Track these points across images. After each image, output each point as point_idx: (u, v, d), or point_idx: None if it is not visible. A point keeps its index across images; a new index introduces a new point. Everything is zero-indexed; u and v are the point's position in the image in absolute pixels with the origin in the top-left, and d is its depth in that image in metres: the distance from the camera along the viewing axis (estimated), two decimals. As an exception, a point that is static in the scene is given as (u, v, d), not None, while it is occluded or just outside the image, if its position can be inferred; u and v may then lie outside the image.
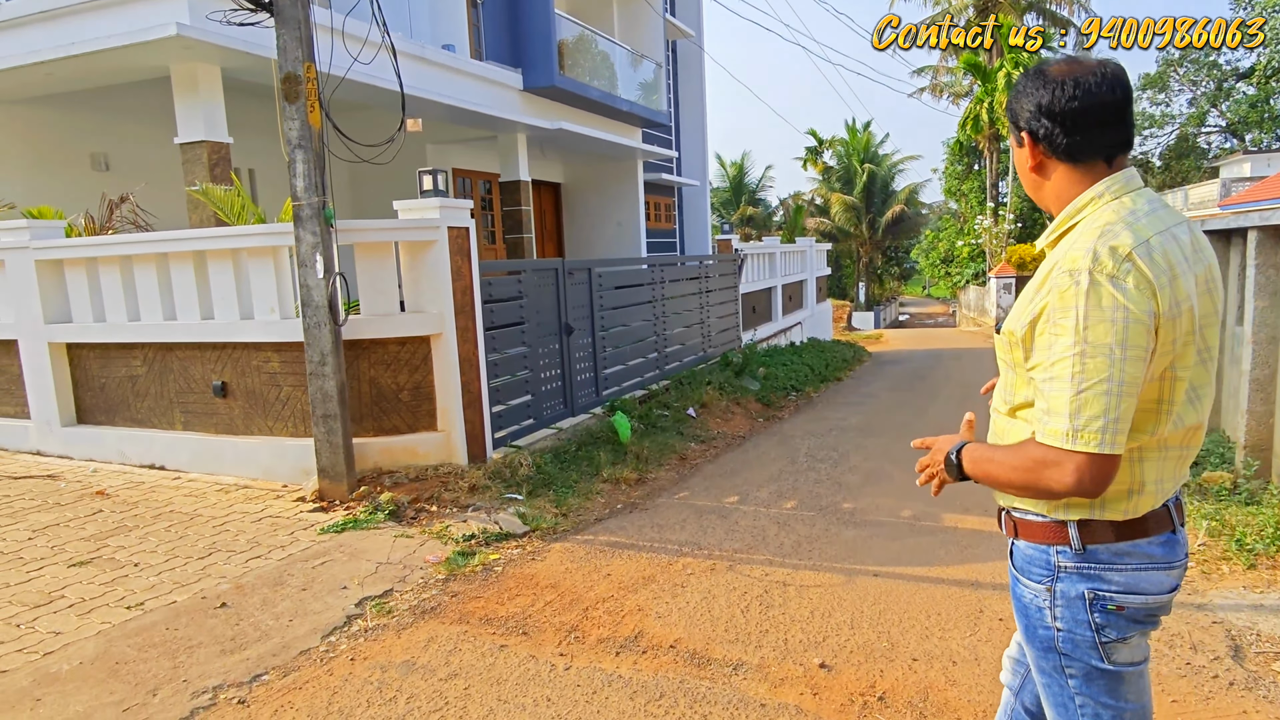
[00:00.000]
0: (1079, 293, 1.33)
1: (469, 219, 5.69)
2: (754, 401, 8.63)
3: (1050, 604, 1.49)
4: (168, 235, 6.06)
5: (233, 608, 3.69)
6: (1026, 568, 1.53)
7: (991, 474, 1.48)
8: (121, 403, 6.48)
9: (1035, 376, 1.41)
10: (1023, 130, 1.50)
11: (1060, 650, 1.51)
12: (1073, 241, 1.42)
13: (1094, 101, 1.41)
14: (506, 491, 5.31)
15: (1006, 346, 1.50)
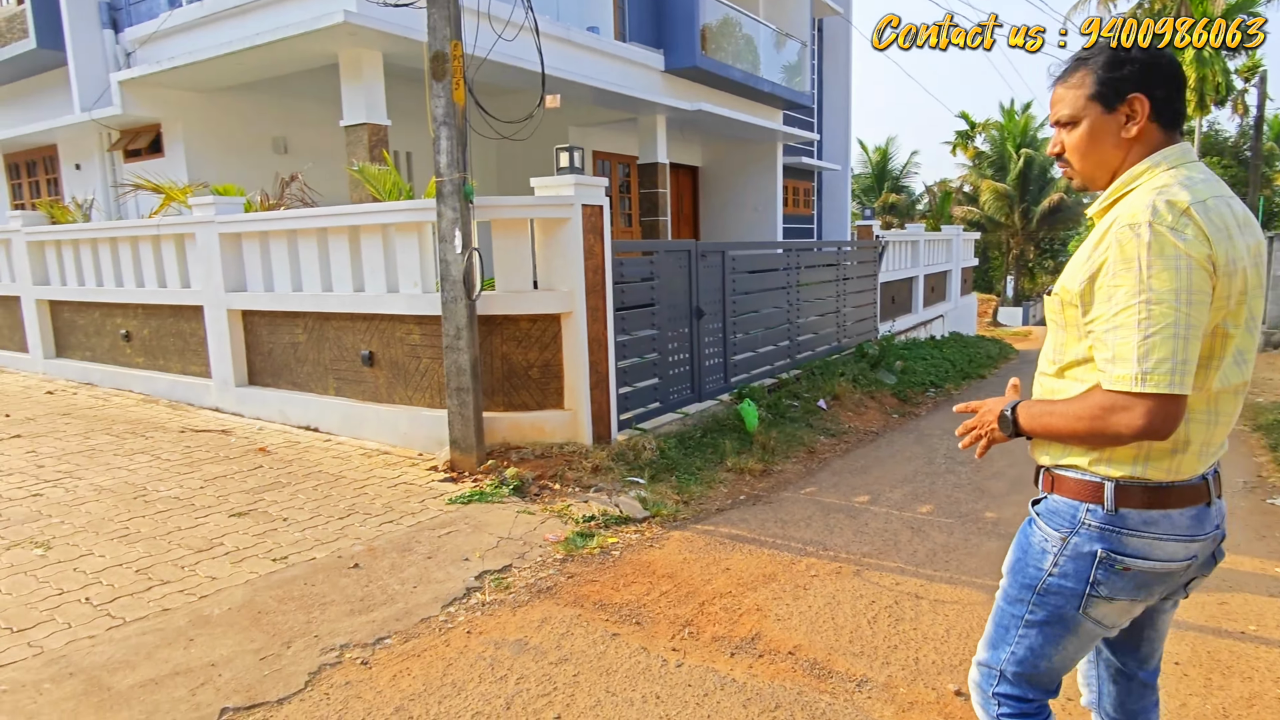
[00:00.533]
0: (1140, 244, 1.36)
1: (603, 197, 5.60)
2: (889, 396, 8.16)
3: (1057, 552, 1.54)
4: (326, 211, 6.33)
5: (364, 569, 3.78)
6: (1048, 515, 1.58)
7: (1052, 426, 1.51)
8: (285, 367, 6.86)
9: (1096, 328, 1.42)
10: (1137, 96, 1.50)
11: (1038, 591, 1.57)
12: (1130, 202, 1.44)
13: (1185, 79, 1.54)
14: (629, 474, 5.22)
15: (1059, 306, 1.53)
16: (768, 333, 8.11)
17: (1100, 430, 1.41)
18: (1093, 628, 1.58)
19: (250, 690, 2.79)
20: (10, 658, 2.95)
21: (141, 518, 4.46)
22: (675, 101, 12.25)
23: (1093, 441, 1.47)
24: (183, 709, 2.67)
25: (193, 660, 2.96)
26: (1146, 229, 1.36)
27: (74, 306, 8.98)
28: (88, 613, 3.31)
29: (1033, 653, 1.62)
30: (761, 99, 15.12)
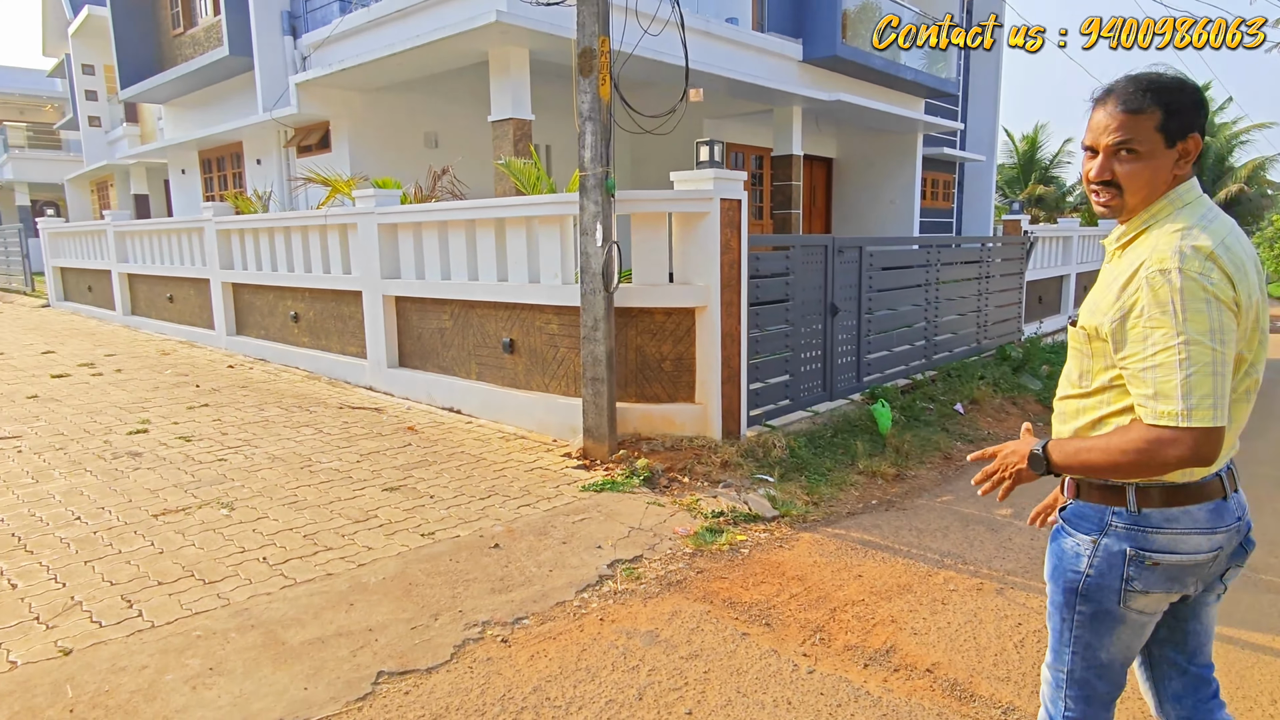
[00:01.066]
0: (1173, 289, 1.44)
1: (741, 191, 5.53)
2: (1034, 402, 7.67)
3: (1090, 554, 1.63)
4: (475, 204, 6.57)
5: (503, 550, 3.92)
6: (1076, 520, 1.67)
7: (1091, 461, 1.56)
8: (432, 351, 7.22)
9: (1131, 365, 1.50)
10: (1193, 134, 1.54)
11: (1081, 592, 1.65)
12: (1154, 243, 1.51)
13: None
14: (758, 472, 5.16)
15: (1084, 339, 1.63)
16: (903, 332, 7.79)
17: (1147, 462, 1.48)
18: (1138, 618, 1.65)
19: (402, 657, 2.96)
20: (203, 606, 3.26)
21: (307, 486, 4.81)
22: (813, 92, 11.94)
23: (1134, 473, 1.53)
24: (345, 668, 2.87)
25: (353, 623, 3.17)
26: (1177, 275, 1.44)
27: (252, 289, 9.78)
28: (264, 571, 3.61)
29: (1090, 649, 1.69)
30: (902, 87, 14.51)
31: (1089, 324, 1.61)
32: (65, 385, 7.94)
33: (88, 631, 3.04)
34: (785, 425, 6.08)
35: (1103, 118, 1.59)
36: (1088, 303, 1.65)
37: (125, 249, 12.81)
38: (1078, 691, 1.73)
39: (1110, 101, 1.58)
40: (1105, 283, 1.61)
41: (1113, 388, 1.60)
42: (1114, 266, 1.62)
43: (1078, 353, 1.67)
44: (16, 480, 4.88)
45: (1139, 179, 1.56)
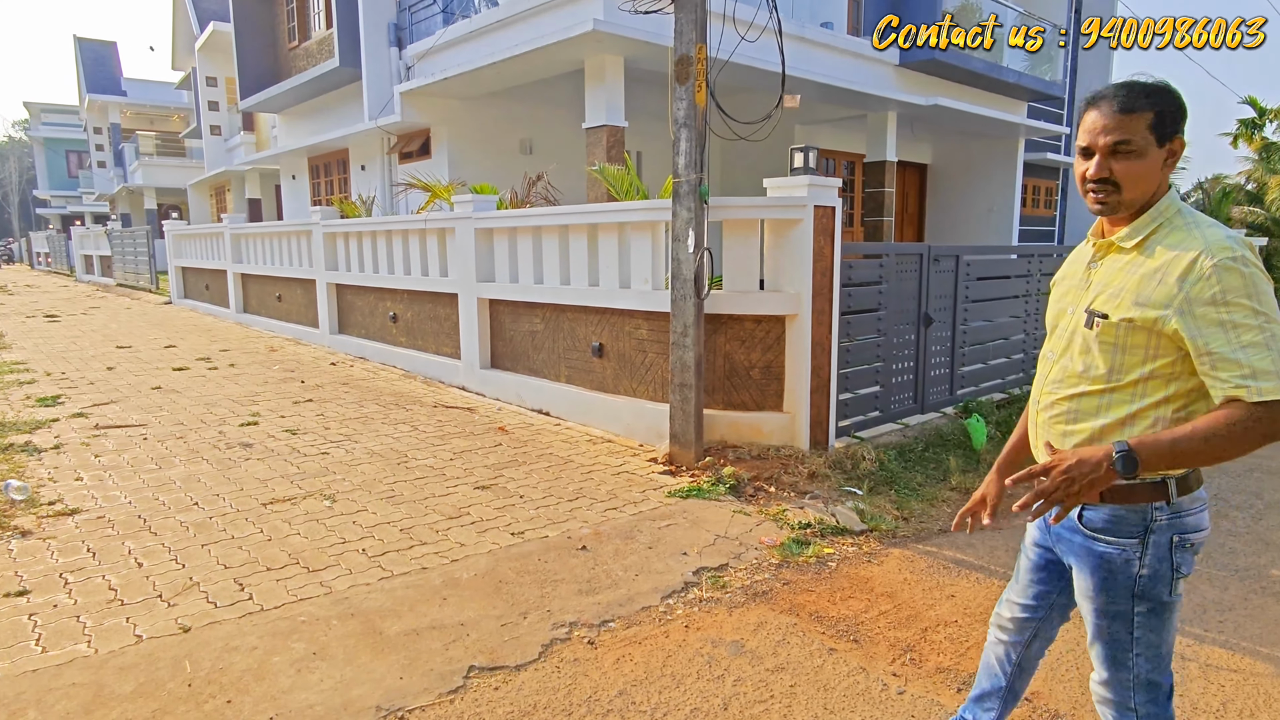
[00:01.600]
0: (1247, 278, 1.51)
1: (836, 198, 5.43)
2: (1142, 418, 7.25)
3: (1140, 554, 1.65)
4: (569, 210, 6.67)
5: (590, 552, 3.95)
6: (1115, 527, 1.67)
7: (1193, 451, 1.52)
8: (523, 353, 7.36)
9: (1216, 350, 1.51)
10: (1178, 135, 1.63)
11: (1137, 594, 1.67)
12: (1183, 239, 1.59)
13: None
14: (845, 484, 5.04)
15: (1123, 333, 1.62)
16: (1000, 344, 7.48)
17: (1261, 440, 1.50)
18: (1179, 601, 1.71)
19: (492, 653, 3.02)
20: (307, 593, 3.41)
21: (404, 482, 4.97)
22: (909, 96, 11.63)
23: (1246, 451, 1.52)
24: (438, 660, 2.94)
25: (446, 617, 3.26)
26: (1242, 263, 1.52)
27: (354, 290, 10.21)
28: (363, 562, 3.75)
29: (1154, 648, 1.72)
30: (1004, 90, 13.98)
31: (1140, 316, 1.60)
32: (185, 378, 8.46)
33: (204, 611, 3.23)
34: (874, 437, 5.93)
35: (1098, 119, 1.64)
36: (1118, 296, 1.64)
37: (240, 250, 13.57)
38: (1146, 695, 1.75)
39: (1104, 104, 1.64)
40: (1137, 277, 1.62)
41: (1152, 378, 1.62)
42: (1133, 261, 1.65)
43: (1109, 346, 1.65)
44: (142, 466, 5.23)
45: (1135, 176, 1.62)
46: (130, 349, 10.60)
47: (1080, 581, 1.77)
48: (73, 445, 5.68)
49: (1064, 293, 1.83)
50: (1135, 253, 1.66)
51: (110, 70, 39.68)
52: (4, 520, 4.14)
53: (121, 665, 2.80)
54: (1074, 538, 1.75)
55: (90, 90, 38.10)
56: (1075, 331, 1.72)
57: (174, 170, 30.82)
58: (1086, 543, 1.72)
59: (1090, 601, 1.75)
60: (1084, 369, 1.70)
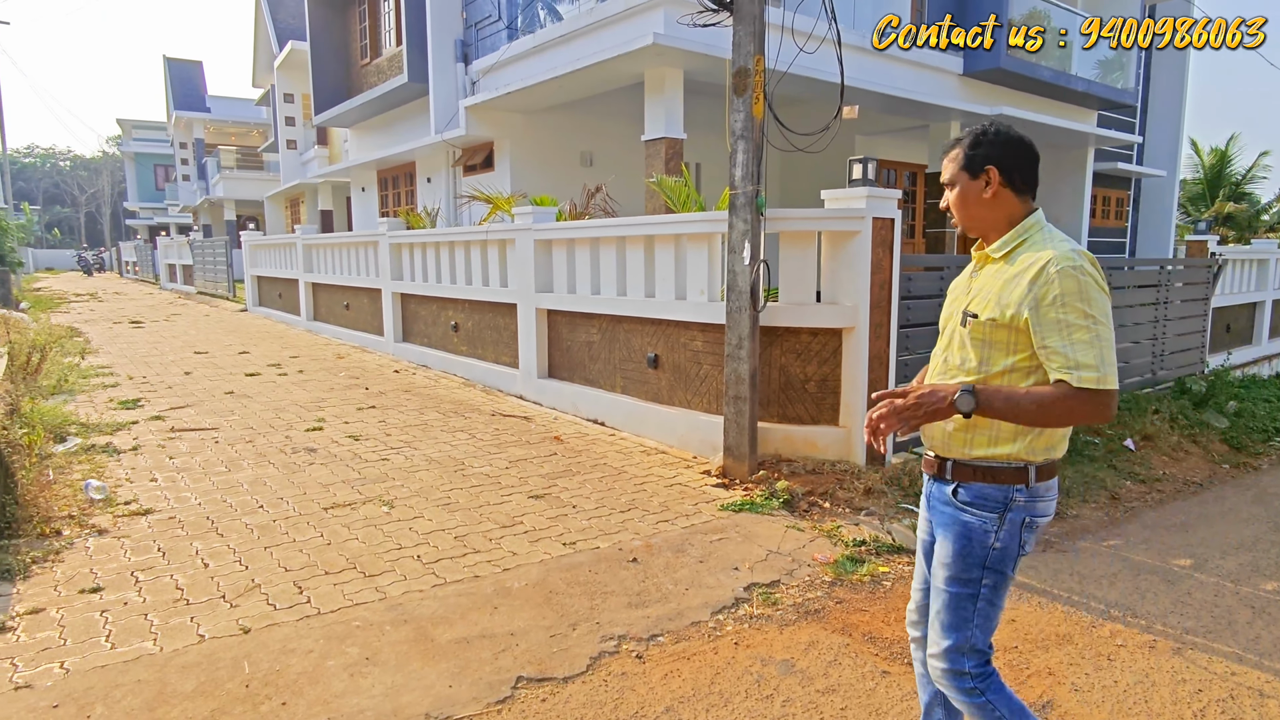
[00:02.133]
0: (1081, 284, 1.76)
1: (895, 210, 5.30)
2: (1218, 441, 6.86)
3: (997, 528, 1.87)
4: (626, 221, 6.67)
5: (641, 564, 3.91)
6: (980, 501, 1.89)
7: (1017, 409, 1.76)
8: (579, 363, 7.38)
9: (1050, 343, 1.77)
10: (990, 167, 1.92)
11: (988, 565, 1.89)
12: (1038, 250, 1.85)
13: (1035, 156, 1.97)
14: (902, 501, 4.90)
15: (989, 329, 1.87)
16: (1069, 359, 7.18)
17: (1067, 417, 1.76)
18: (1013, 578, 1.97)
19: (541, 664, 3.00)
20: (363, 598, 3.45)
21: (459, 489, 5.02)
22: (973, 106, 11.33)
23: (1054, 423, 1.81)
24: (487, 669, 2.94)
25: (496, 626, 3.26)
26: (1079, 271, 1.78)
27: (418, 299, 10.41)
28: (418, 569, 3.78)
29: (987, 617, 1.95)
30: (1072, 99, 13.51)
31: (999, 315, 1.85)
32: (256, 383, 8.74)
33: (264, 613, 3.30)
34: (934, 454, 5.75)
35: (946, 164, 2.02)
36: (986, 299, 1.90)
37: (311, 260, 13.99)
38: (976, 660, 1.96)
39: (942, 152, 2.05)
40: (1001, 282, 1.88)
41: (1014, 370, 1.86)
42: (1000, 269, 1.91)
43: (980, 342, 1.90)
44: (213, 468, 5.40)
45: (957, 205, 2.00)
46: (207, 354, 11.01)
47: (941, 550, 1.98)
48: (149, 447, 5.91)
49: (953, 299, 2.08)
50: (1002, 262, 1.93)
51: (196, 88, 41.59)
52: (83, 519, 4.32)
53: (184, 664, 2.88)
54: (945, 509, 1.97)
55: (177, 107, 39.98)
56: (955, 330, 1.98)
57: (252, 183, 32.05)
58: (955, 513, 1.94)
59: (946, 569, 1.96)
60: (960, 362, 1.95)
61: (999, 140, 1.94)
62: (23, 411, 6.33)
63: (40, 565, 3.69)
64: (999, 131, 1.96)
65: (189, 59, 43.25)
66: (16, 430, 4.88)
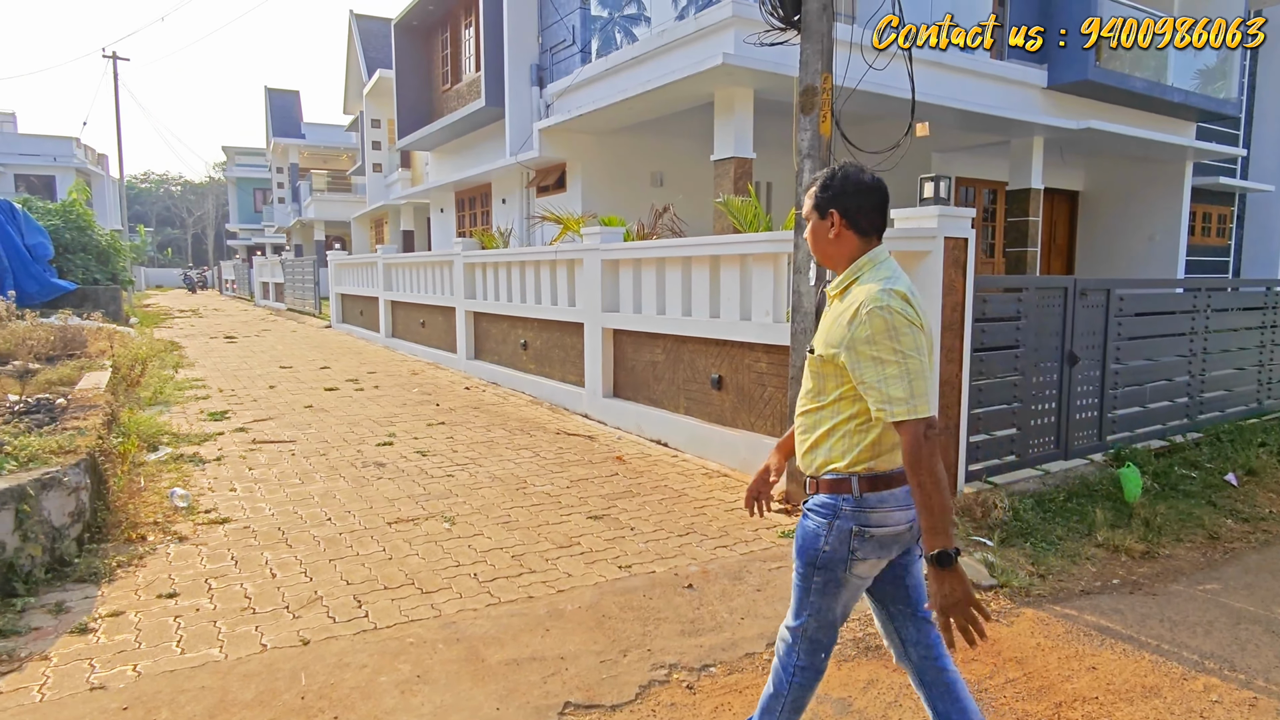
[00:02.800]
0: (889, 322, 1.91)
1: (969, 229, 5.11)
2: (1333, 475, 6.32)
3: (826, 533, 2.06)
4: (691, 241, 6.65)
5: (696, 591, 3.84)
6: (817, 509, 2.10)
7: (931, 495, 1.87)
8: (643, 383, 7.36)
9: (868, 379, 1.93)
10: (832, 210, 2.08)
11: (818, 565, 2.09)
12: (865, 289, 1.99)
13: (881, 199, 2.10)
14: (974, 533, 4.67)
15: (821, 363, 2.08)
16: (1160, 386, 6.77)
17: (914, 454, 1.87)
18: (858, 581, 2.11)
19: (589, 690, 2.96)
20: (418, 615, 3.49)
21: (520, 508, 5.05)
22: (1057, 120, 10.89)
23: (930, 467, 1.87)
24: (535, 693, 2.92)
25: (546, 649, 3.24)
26: (889, 311, 1.90)
27: (490, 318, 10.61)
28: (474, 587, 3.81)
29: (822, 613, 2.14)
30: (1168, 110, 12.85)
31: (825, 352, 2.05)
32: (334, 398, 9.04)
33: (324, 625, 3.37)
34: (1009, 483, 5.48)
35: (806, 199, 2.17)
36: (821, 335, 2.09)
37: (390, 278, 14.46)
38: (808, 646, 2.20)
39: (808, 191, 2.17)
40: (831, 319, 2.07)
41: (843, 399, 2.05)
42: (835, 307, 2.08)
43: (816, 374, 2.11)
44: (287, 480, 5.59)
45: (810, 241, 2.16)
46: (291, 369, 11.48)
47: (794, 545, 2.18)
48: (232, 458, 6.17)
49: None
50: (838, 299, 2.09)
51: (293, 116, 43.85)
52: (167, 526, 4.52)
53: (246, 673, 2.96)
54: (803, 518, 2.16)
55: (275, 134, 42.22)
56: (807, 362, 2.17)
57: (340, 204, 33.49)
58: (804, 519, 2.15)
59: (795, 562, 2.18)
60: (807, 390, 2.17)
61: (845, 185, 2.08)
62: (121, 421, 6.71)
63: (124, 569, 3.88)
64: (846, 176, 2.10)
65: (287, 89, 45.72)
66: (111, 439, 5.17)
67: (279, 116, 43.00)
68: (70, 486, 3.86)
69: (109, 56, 26.34)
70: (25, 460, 3.88)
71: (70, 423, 4.99)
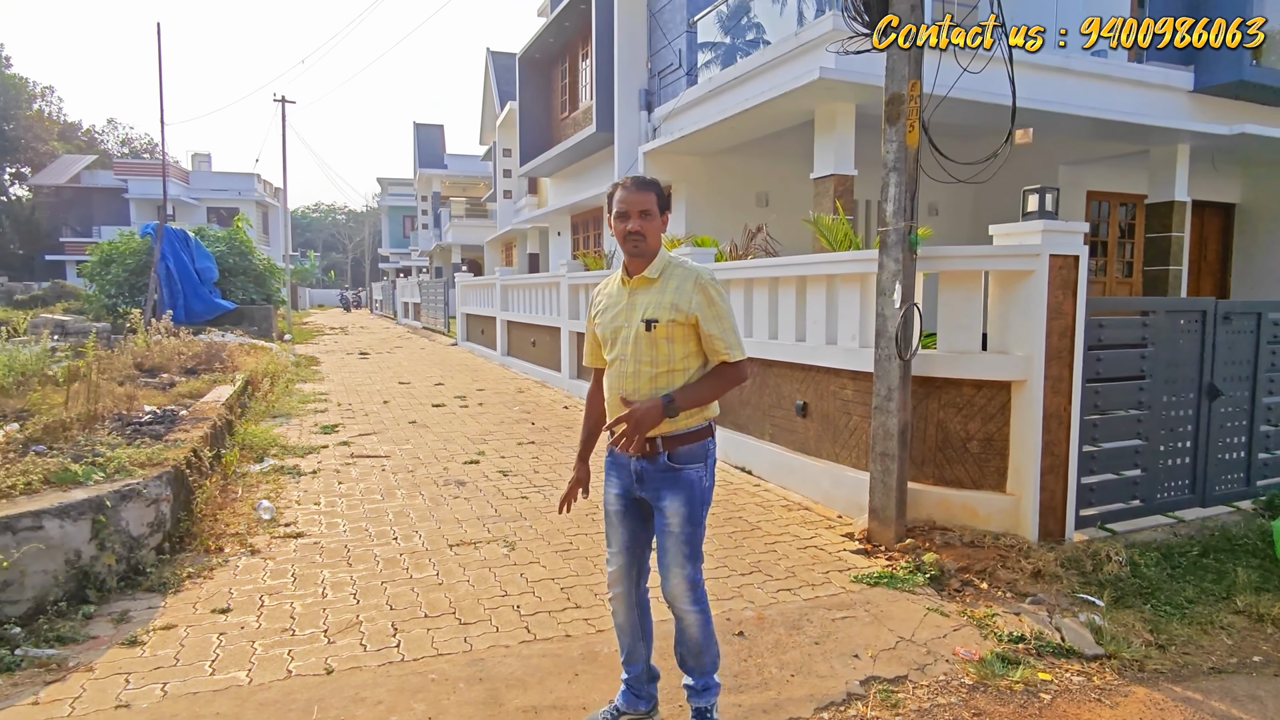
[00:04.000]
0: (718, 292, 2.49)
1: (1080, 245, 4.46)
2: None
3: (705, 473, 2.56)
4: (777, 261, 6.25)
5: (747, 640, 3.46)
6: (690, 459, 2.53)
7: (700, 397, 2.48)
8: (730, 408, 6.99)
9: (713, 332, 2.47)
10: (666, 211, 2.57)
11: (704, 500, 2.56)
12: (689, 272, 2.53)
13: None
14: (1081, 589, 4.01)
15: (675, 327, 2.47)
16: (1329, 423, 5.71)
17: (731, 385, 2.54)
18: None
19: (607, 748, 2.66)
20: (449, 648, 3.31)
21: (584, 535, 4.81)
22: (1206, 126, 9.65)
23: (718, 394, 2.53)
24: (549, 747, 2.65)
25: (570, 697, 2.96)
26: (716, 284, 2.51)
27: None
28: (513, 620, 3.59)
29: (702, 536, 2.61)
30: (1345, 112, 11.13)
31: (679, 317, 2.46)
32: (439, 414, 9.19)
33: (353, 654, 3.24)
34: (1131, 532, 4.73)
35: (632, 195, 2.49)
36: (660, 309, 2.47)
37: (506, 299, 14.75)
38: (699, 570, 2.62)
39: (634, 187, 2.51)
40: (670, 294, 2.48)
41: (687, 355, 2.50)
42: (659, 286, 2.51)
43: (662, 340, 2.47)
44: (369, 496, 5.62)
45: (654, 231, 2.52)
46: (408, 385, 11.85)
47: (672, 505, 2.50)
48: (327, 471, 6.30)
49: (612, 316, 2.60)
50: (659, 282, 2.52)
51: (437, 148, 46.35)
52: (246, 538, 4.60)
53: (262, 700, 2.85)
54: (668, 475, 2.50)
55: (420, 165, 44.73)
56: (639, 337, 2.48)
57: (476, 229, 34.88)
58: (677, 474, 2.50)
59: (680, 516, 2.50)
60: (649, 359, 2.48)
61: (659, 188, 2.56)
62: (236, 432, 7.04)
63: (193, 581, 3.93)
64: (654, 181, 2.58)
65: (432, 124, 48.30)
66: (209, 452, 5.36)
67: (424, 148, 45.53)
68: (150, 498, 3.97)
69: (279, 100, 28.63)
70: (112, 472, 4.02)
71: (177, 434, 5.21)
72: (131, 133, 63.95)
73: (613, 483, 2.64)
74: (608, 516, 2.69)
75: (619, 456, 2.57)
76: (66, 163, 46.65)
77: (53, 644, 3.20)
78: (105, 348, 10.17)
